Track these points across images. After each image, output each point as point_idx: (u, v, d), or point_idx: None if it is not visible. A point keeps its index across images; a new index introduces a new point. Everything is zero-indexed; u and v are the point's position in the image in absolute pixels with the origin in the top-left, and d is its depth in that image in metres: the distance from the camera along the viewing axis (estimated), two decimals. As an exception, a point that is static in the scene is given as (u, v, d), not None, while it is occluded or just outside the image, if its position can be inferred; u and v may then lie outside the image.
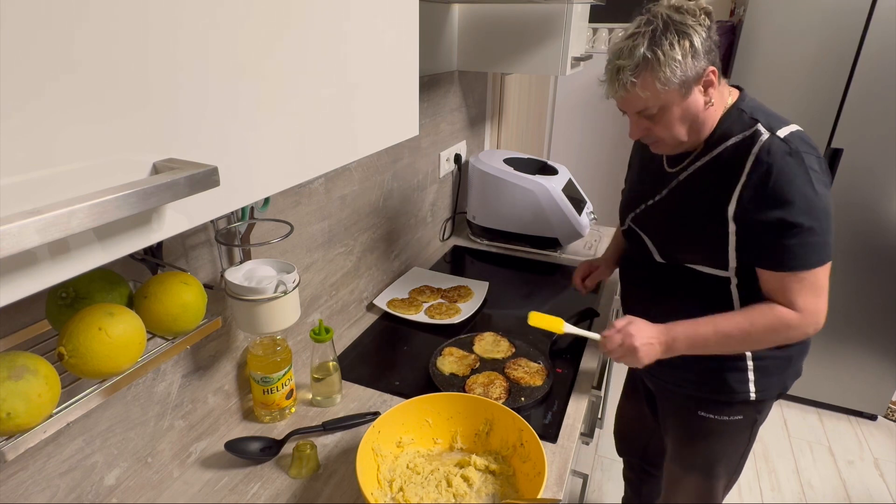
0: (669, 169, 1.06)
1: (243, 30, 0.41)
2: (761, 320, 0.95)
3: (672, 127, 0.95)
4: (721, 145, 0.97)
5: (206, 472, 0.90)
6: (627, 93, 0.92)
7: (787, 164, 0.89)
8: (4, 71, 0.27)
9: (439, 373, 1.15)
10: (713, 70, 0.92)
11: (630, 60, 0.89)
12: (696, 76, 0.90)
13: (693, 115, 0.94)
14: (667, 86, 0.89)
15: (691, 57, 0.88)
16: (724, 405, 1.11)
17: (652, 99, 0.91)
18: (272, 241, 0.87)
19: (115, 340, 0.56)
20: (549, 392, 1.09)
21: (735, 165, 0.93)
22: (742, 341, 0.98)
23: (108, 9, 0.31)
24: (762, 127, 0.93)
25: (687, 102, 0.93)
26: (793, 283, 0.93)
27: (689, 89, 0.91)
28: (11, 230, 0.25)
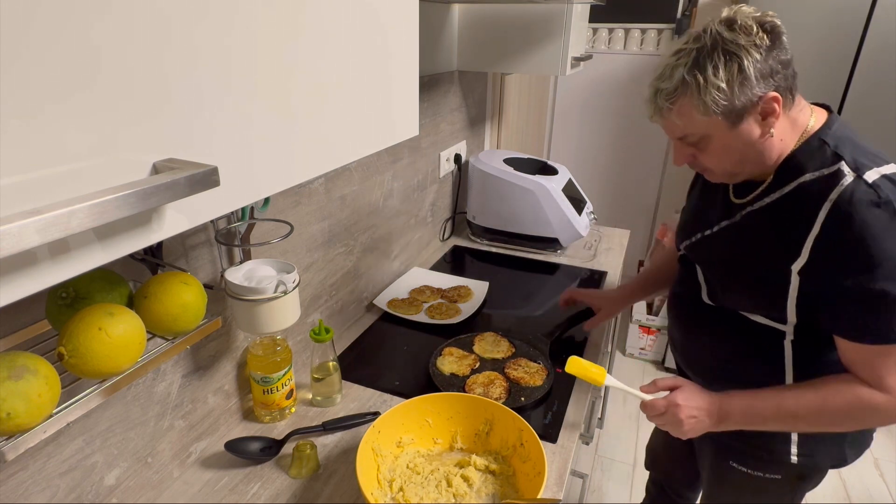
0: (736, 199, 0.91)
1: (243, 30, 0.41)
2: (838, 400, 0.80)
3: (718, 157, 0.83)
4: (794, 182, 0.82)
5: (206, 472, 0.90)
6: (664, 118, 0.83)
7: (873, 218, 0.73)
8: (4, 71, 0.27)
9: (439, 373, 1.14)
10: (775, 97, 0.77)
11: (669, 83, 0.79)
12: (748, 104, 0.77)
13: (744, 147, 0.81)
14: (707, 115, 0.77)
15: (739, 84, 0.75)
16: (759, 460, 0.99)
17: (691, 126, 0.81)
18: (272, 241, 0.87)
19: (115, 340, 0.56)
20: (550, 392, 1.09)
21: (808, 210, 0.78)
22: (812, 423, 0.83)
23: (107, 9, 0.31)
24: (846, 166, 0.77)
25: (736, 132, 0.79)
26: (880, 357, 0.77)
27: (738, 118, 0.78)
28: (11, 230, 0.25)
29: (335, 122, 0.55)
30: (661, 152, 2.85)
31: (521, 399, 1.06)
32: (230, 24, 0.40)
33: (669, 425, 0.91)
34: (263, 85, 0.44)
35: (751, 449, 0.99)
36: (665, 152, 2.85)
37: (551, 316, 1.41)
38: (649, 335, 2.64)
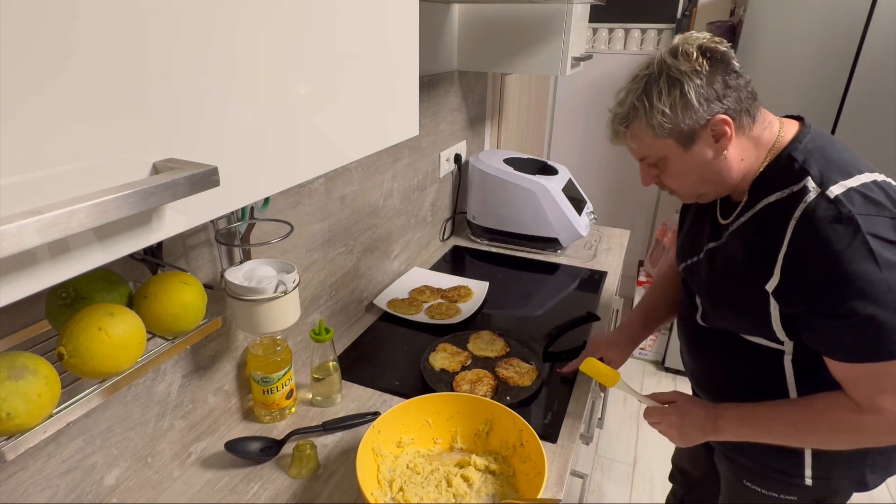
0: (722, 220, 0.92)
1: (243, 30, 0.41)
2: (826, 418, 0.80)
3: (678, 179, 0.86)
4: (762, 200, 0.82)
5: (206, 472, 0.90)
6: (621, 141, 0.88)
7: (834, 235, 0.71)
8: (4, 71, 0.27)
9: (430, 368, 1.16)
10: (724, 119, 0.78)
11: (622, 108, 0.84)
12: (696, 127, 0.79)
13: (701, 168, 0.83)
14: (658, 138, 0.81)
15: (682, 108, 0.78)
16: (772, 481, 0.97)
17: (646, 149, 0.85)
18: (272, 241, 0.87)
19: (115, 340, 0.56)
20: (537, 393, 1.08)
21: (776, 229, 0.78)
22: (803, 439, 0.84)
23: (107, 9, 0.31)
24: (811, 181, 0.76)
25: (690, 154, 0.82)
26: (865, 376, 0.75)
27: (689, 140, 0.80)
28: (11, 230, 0.25)
29: (335, 122, 0.55)
30: (661, 152, 2.85)
31: (507, 398, 1.05)
32: (230, 25, 0.40)
33: (665, 434, 0.97)
34: (263, 85, 0.44)
35: (762, 469, 0.98)
36: (665, 152, 2.84)
37: (551, 317, 1.41)
38: (649, 335, 2.64)
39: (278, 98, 0.46)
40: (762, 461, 0.97)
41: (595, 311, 1.42)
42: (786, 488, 0.96)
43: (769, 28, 1.96)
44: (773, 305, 0.81)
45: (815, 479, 0.92)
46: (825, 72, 1.94)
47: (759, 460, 0.97)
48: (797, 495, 0.96)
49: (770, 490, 0.98)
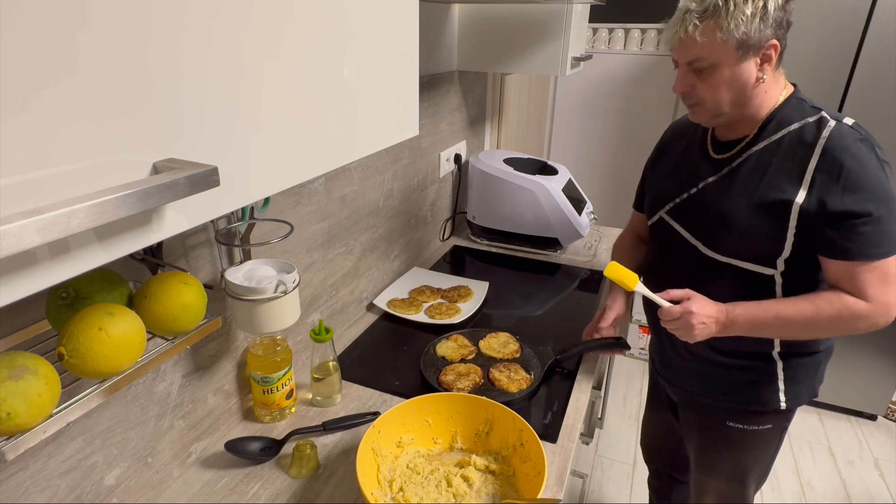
0: (717, 155, 1.02)
1: (244, 30, 0.41)
2: (828, 309, 0.91)
3: (717, 89, 0.92)
4: (782, 130, 0.94)
5: (206, 472, 0.90)
6: (687, 35, 0.90)
7: (860, 150, 0.87)
8: (6, 71, 0.27)
9: (432, 353, 1.18)
10: (775, 45, 0.89)
11: (702, 4, 0.88)
12: (758, 43, 0.88)
13: (741, 85, 0.92)
14: (727, 39, 0.87)
15: (760, 18, 0.86)
16: (753, 415, 1.09)
17: (707, 48, 0.89)
18: (272, 241, 0.87)
19: (115, 340, 0.56)
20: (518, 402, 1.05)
21: (802, 151, 0.91)
22: (804, 328, 0.95)
23: (108, 10, 0.31)
24: (826, 114, 0.92)
25: (739, 68, 0.90)
26: (863, 272, 0.89)
27: (745, 53, 0.89)
28: (11, 230, 0.25)
29: (335, 122, 0.55)
30: (661, 152, 2.85)
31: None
32: (230, 25, 0.40)
33: (682, 330, 0.98)
34: (263, 85, 0.44)
35: (743, 404, 1.08)
36: (665, 152, 2.84)
37: (551, 316, 1.41)
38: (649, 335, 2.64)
39: (278, 98, 0.46)
40: (744, 397, 1.08)
41: (595, 310, 1.43)
42: (764, 418, 1.09)
43: (769, 28, 1.95)
44: (793, 219, 0.91)
45: (787, 400, 1.06)
46: (825, 71, 1.93)
47: (738, 395, 1.08)
48: (773, 422, 1.10)
49: (752, 424, 1.10)
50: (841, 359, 2.26)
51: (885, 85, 1.87)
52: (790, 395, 1.06)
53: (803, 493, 1.99)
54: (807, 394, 1.08)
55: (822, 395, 2.37)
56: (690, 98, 0.97)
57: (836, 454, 2.17)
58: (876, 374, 2.23)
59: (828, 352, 1.08)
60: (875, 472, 2.08)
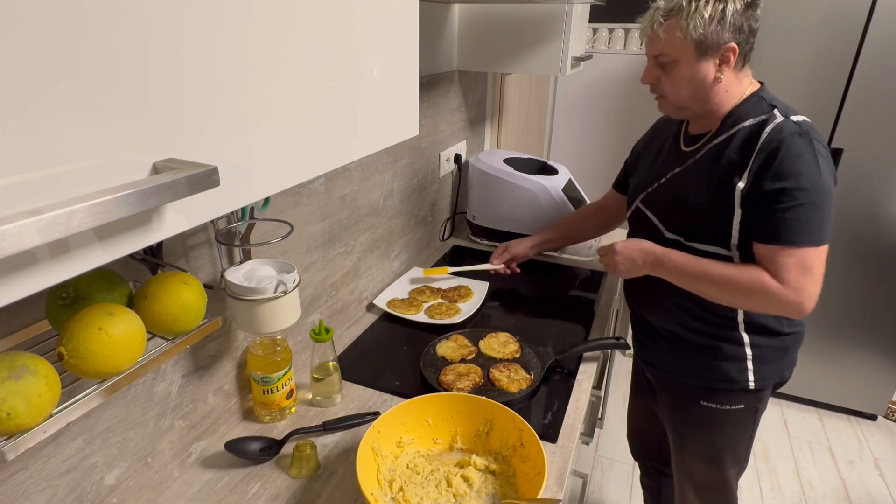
0: (685, 148, 1.11)
1: (243, 30, 0.41)
2: (744, 276, 0.98)
3: (678, 84, 1.01)
4: (737, 126, 1.01)
5: (206, 472, 0.90)
6: (653, 32, 0.99)
7: (795, 141, 0.93)
8: (6, 72, 0.27)
9: (433, 353, 1.18)
10: (733, 48, 0.96)
11: (668, 4, 0.97)
12: (715, 45, 0.95)
13: (699, 83, 0.99)
14: (685, 39, 0.95)
15: (717, 22, 0.93)
16: (724, 394, 1.14)
17: (669, 45, 0.98)
18: (272, 241, 0.87)
19: (115, 340, 0.56)
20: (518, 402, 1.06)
21: (749, 144, 0.98)
22: (720, 289, 1.01)
23: (108, 11, 0.31)
24: (777, 112, 0.98)
25: (698, 66, 0.98)
26: (781, 256, 0.95)
27: (703, 53, 0.96)
28: (11, 230, 0.25)
29: (335, 122, 0.55)
30: (661, 152, 2.85)
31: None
32: (230, 25, 0.40)
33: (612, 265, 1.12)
34: (263, 85, 0.44)
35: (713, 382, 1.13)
36: (665, 152, 2.84)
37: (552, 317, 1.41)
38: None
39: (278, 98, 0.46)
40: (715, 375, 1.13)
41: (595, 311, 1.43)
42: (735, 397, 1.14)
43: (769, 28, 1.95)
44: (737, 208, 0.99)
45: (756, 380, 1.11)
46: (825, 72, 1.93)
47: (708, 374, 1.13)
48: (744, 402, 1.14)
49: (724, 404, 1.15)
50: (841, 359, 2.26)
51: (885, 85, 1.87)
52: (758, 376, 1.11)
53: (803, 493, 1.99)
54: (775, 375, 1.13)
55: (822, 395, 2.37)
56: (656, 90, 1.06)
57: (836, 454, 2.17)
58: (876, 374, 2.23)
59: (795, 337, 1.13)
60: (875, 472, 2.08)
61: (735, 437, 1.19)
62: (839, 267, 2.08)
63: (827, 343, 2.24)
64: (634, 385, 1.51)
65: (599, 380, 1.18)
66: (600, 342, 1.21)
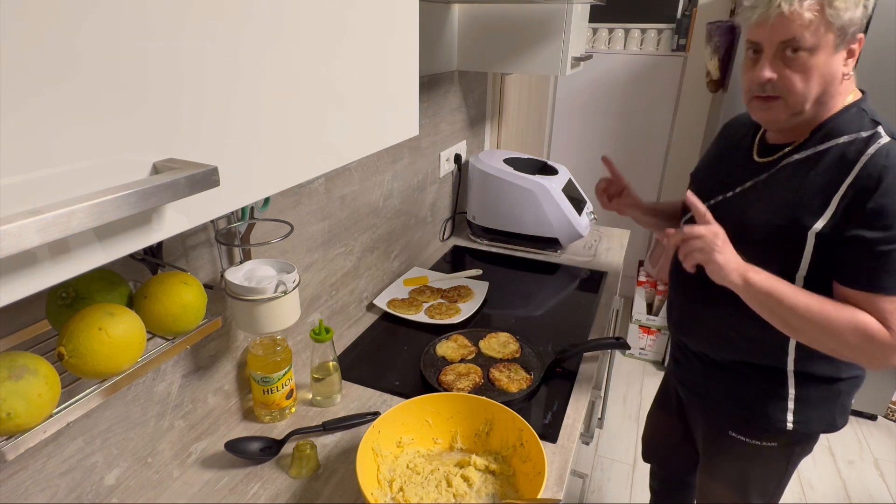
0: (760, 159, 0.95)
1: (243, 30, 0.41)
2: (846, 316, 0.82)
3: (810, 78, 0.83)
4: (831, 140, 0.86)
5: (206, 472, 0.90)
6: (792, 9, 0.79)
7: None
8: (5, 71, 0.27)
9: (432, 353, 1.18)
10: (861, 40, 0.83)
11: None
12: (853, 32, 0.82)
13: (831, 78, 0.83)
14: (831, 23, 0.79)
15: (864, 7, 0.80)
16: (756, 429, 1.04)
17: (812, 27, 0.79)
18: (272, 241, 0.87)
19: (115, 340, 0.56)
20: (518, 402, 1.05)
21: (843, 167, 0.83)
22: (815, 325, 0.84)
23: (108, 10, 0.31)
24: (883, 130, 0.83)
25: (835, 58, 0.82)
26: (885, 303, 0.81)
27: (842, 42, 0.81)
28: (11, 230, 0.25)
29: (335, 122, 0.55)
30: (662, 152, 2.85)
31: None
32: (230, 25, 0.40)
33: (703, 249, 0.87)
34: (263, 86, 0.44)
35: (747, 416, 1.03)
36: (665, 153, 2.85)
37: (553, 317, 1.41)
38: (649, 335, 2.64)
39: (278, 98, 0.46)
40: (749, 408, 1.02)
41: (595, 310, 1.43)
42: (769, 435, 1.03)
43: (769, 28, 1.95)
44: (809, 247, 0.85)
45: (795, 422, 0.98)
46: (825, 72, 1.93)
47: (746, 408, 1.02)
48: (777, 441, 1.03)
49: (754, 438, 1.04)
50: (841, 359, 2.26)
51: (886, 85, 1.87)
52: (799, 418, 0.98)
53: (803, 493, 1.99)
54: (821, 422, 0.99)
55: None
56: (773, 89, 0.85)
57: (836, 454, 2.17)
58: (876, 374, 2.23)
59: (852, 382, 0.98)
60: (875, 472, 2.08)
61: (765, 475, 1.09)
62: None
63: (827, 343, 2.24)
64: (661, 398, 1.42)
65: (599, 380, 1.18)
66: (600, 342, 1.21)
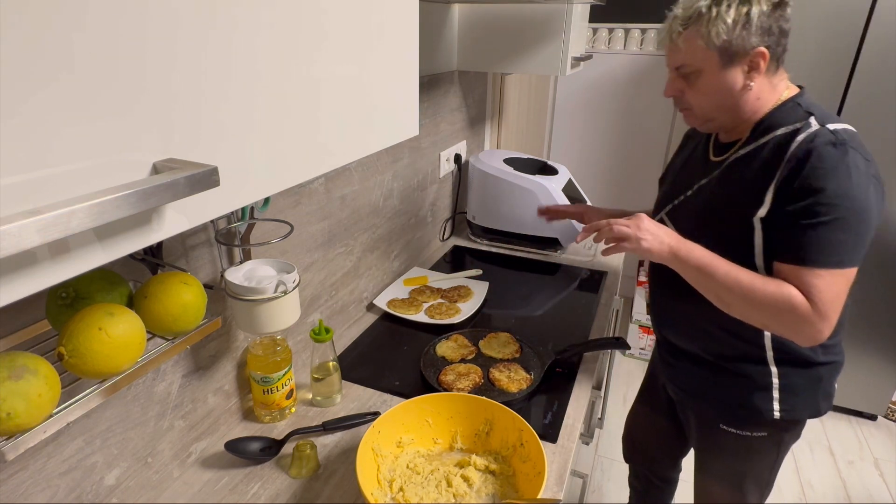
0: (714, 158, 1.02)
1: (243, 30, 0.41)
2: (771, 288, 0.87)
3: (703, 95, 0.93)
4: (768, 135, 0.93)
5: (206, 472, 0.90)
6: (672, 42, 0.92)
7: (826, 153, 0.83)
8: (5, 71, 0.27)
9: (432, 353, 1.18)
10: (762, 52, 0.88)
11: (687, 12, 0.89)
12: (742, 50, 0.87)
13: (726, 92, 0.91)
14: (708, 47, 0.87)
15: (742, 26, 0.85)
16: (746, 421, 1.07)
17: (689, 56, 0.90)
18: (272, 241, 0.87)
19: (115, 340, 0.56)
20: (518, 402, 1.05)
21: (778, 155, 0.89)
22: (743, 297, 0.89)
23: (108, 9, 0.31)
24: (814, 120, 0.89)
25: (724, 75, 0.90)
26: (810, 277, 0.85)
27: (730, 61, 0.88)
28: (11, 230, 0.25)
29: (335, 122, 0.55)
30: (662, 152, 2.85)
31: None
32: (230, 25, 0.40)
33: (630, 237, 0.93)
34: (263, 85, 0.44)
35: (736, 408, 1.07)
36: (665, 153, 2.85)
37: (553, 317, 1.41)
38: (649, 335, 2.64)
39: (278, 98, 0.46)
40: (737, 401, 1.06)
41: (595, 310, 1.43)
42: (758, 426, 1.07)
43: (769, 28, 1.95)
44: (758, 235, 0.91)
45: (782, 411, 1.03)
46: (825, 72, 1.93)
47: (735, 400, 1.06)
48: (767, 430, 1.07)
49: (744, 430, 1.08)
50: (841, 359, 2.26)
51: (885, 85, 1.87)
52: (786, 406, 1.02)
53: (803, 493, 1.99)
54: (806, 408, 1.04)
55: (822, 395, 2.37)
56: (681, 103, 0.98)
57: (836, 454, 2.17)
58: (876, 374, 2.23)
59: (831, 367, 1.03)
60: (875, 472, 2.08)
61: (757, 466, 1.12)
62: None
63: (827, 343, 2.24)
64: (644, 394, 1.44)
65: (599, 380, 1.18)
66: (600, 342, 1.21)
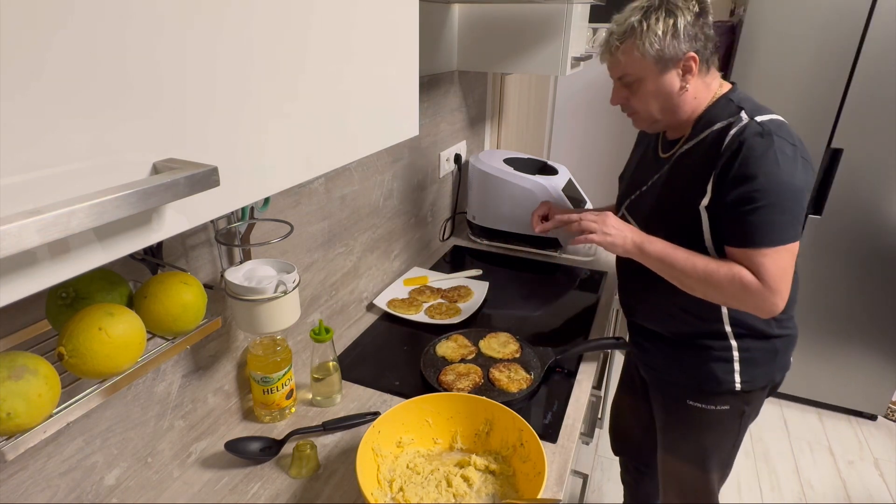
0: (663, 154, 1.12)
1: (244, 30, 0.41)
2: (724, 271, 0.97)
3: (646, 100, 1.03)
4: (707, 130, 1.02)
5: (206, 472, 0.90)
6: (611, 56, 1.02)
7: (755, 143, 0.93)
8: (5, 70, 0.27)
9: (432, 353, 1.18)
10: (693, 57, 0.97)
11: (621, 27, 0.99)
12: (674, 56, 0.97)
13: (666, 95, 1.01)
14: (644, 57, 0.97)
15: (671, 36, 0.95)
16: (710, 395, 1.14)
17: (629, 66, 1.00)
18: (272, 241, 0.87)
19: (115, 340, 0.56)
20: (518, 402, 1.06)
21: (715, 148, 0.98)
22: (700, 281, 1.00)
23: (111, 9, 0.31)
24: (745, 114, 0.98)
25: (662, 80, 1.00)
26: (757, 257, 0.95)
27: (665, 67, 0.98)
28: (11, 230, 0.25)
29: (335, 122, 0.55)
30: (661, 152, 2.85)
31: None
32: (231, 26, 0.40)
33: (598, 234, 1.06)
34: (263, 85, 0.44)
35: (700, 382, 1.14)
36: (665, 152, 2.84)
37: (553, 317, 1.41)
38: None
39: (278, 98, 0.46)
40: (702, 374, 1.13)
41: (595, 310, 1.43)
42: (721, 399, 1.14)
43: (769, 28, 1.96)
44: (704, 221, 1.00)
45: (742, 382, 1.11)
46: (825, 72, 1.93)
47: (696, 373, 1.14)
48: (729, 403, 1.14)
49: (708, 403, 1.15)
50: (841, 359, 2.26)
51: (885, 85, 1.87)
52: (745, 378, 1.10)
53: (803, 493, 1.99)
54: (763, 378, 1.12)
55: (822, 395, 2.37)
56: (627, 109, 1.08)
57: (836, 454, 2.17)
58: (876, 374, 2.23)
59: (786, 340, 1.12)
60: (875, 472, 2.08)
61: (720, 440, 1.19)
62: (839, 267, 2.08)
63: (827, 343, 2.24)
64: (623, 382, 1.52)
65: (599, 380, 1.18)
66: (600, 342, 1.21)
